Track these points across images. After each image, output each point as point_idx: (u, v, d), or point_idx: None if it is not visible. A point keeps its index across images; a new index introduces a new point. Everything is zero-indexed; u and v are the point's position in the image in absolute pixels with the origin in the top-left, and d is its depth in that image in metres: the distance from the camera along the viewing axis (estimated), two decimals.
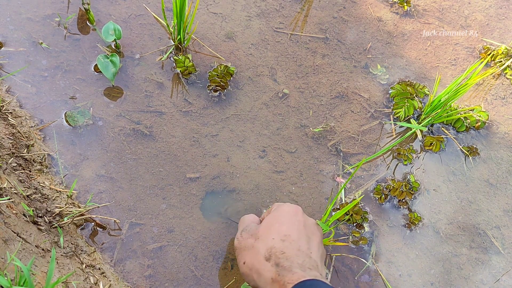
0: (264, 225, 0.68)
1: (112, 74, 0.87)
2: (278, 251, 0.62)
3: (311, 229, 0.68)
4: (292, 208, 0.70)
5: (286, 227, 0.65)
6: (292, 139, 0.92)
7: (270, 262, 0.61)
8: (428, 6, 1.11)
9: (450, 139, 0.96)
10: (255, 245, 0.65)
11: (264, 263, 0.61)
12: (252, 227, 0.70)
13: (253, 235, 0.67)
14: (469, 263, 0.86)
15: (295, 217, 0.68)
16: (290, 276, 0.57)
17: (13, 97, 0.85)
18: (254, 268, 0.62)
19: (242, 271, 0.65)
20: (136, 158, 0.85)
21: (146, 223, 0.80)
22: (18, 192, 0.69)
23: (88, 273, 0.71)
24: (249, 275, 0.63)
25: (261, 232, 0.66)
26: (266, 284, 0.60)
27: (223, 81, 0.93)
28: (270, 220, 0.68)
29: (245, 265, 0.65)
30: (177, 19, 0.88)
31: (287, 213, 0.68)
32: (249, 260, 0.64)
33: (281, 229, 0.65)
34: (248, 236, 0.68)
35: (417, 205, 0.89)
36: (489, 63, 1.06)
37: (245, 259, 0.65)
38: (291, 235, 0.64)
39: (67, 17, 0.94)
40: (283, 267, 0.59)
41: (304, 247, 0.64)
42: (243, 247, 0.67)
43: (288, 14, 1.04)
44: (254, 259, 0.63)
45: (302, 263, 0.60)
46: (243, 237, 0.69)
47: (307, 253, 0.63)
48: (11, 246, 0.60)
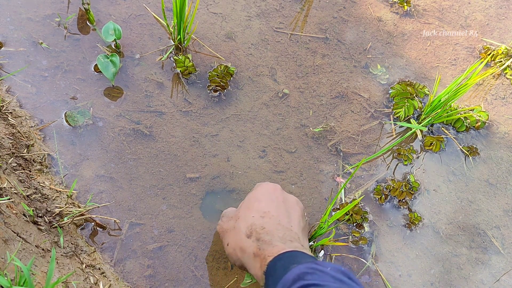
0: (243, 205, 0.69)
1: (112, 74, 0.87)
2: (258, 227, 0.63)
3: (290, 204, 0.69)
4: (270, 186, 0.71)
5: (265, 204, 0.67)
6: (292, 139, 0.92)
7: (251, 238, 0.62)
8: (428, 6, 1.11)
9: (450, 139, 0.96)
10: (236, 225, 0.66)
11: (246, 240, 0.63)
12: (231, 210, 0.72)
13: (233, 217, 0.69)
14: (469, 263, 0.86)
15: (274, 194, 0.69)
16: (270, 249, 0.59)
17: (13, 97, 0.85)
18: (237, 247, 0.64)
19: (227, 253, 0.67)
20: (136, 158, 0.85)
21: (146, 223, 0.80)
22: (18, 192, 0.69)
23: (88, 273, 0.71)
24: (233, 255, 0.65)
25: (241, 213, 0.67)
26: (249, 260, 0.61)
27: (223, 81, 0.93)
28: (249, 200, 0.69)
29: (229, 246, 0.66)
30: (177, 19, 0.88)
31: (266, 190, 0.70)
32: (232, 240, 0.65)
33: (260, 206, 0.66)
34: (228, 219, 0.70)
35: (417, 205, 0.89)
36: (489, 63, 1.06)
37: (228, 241, 0.66)
38: (270, 211, 0.66)
39: (67, 17, 0.94)
40: (264, 241, 0.60)
41: (284, 221, 0.65)
42: (225, 230, 0.68)
43: (288, 14, 1.04)
44: (237, 238, 0.64)
45: (283, 236, 0.61)
46: (223, 221, 0.70)
47: (287, 227, 0.64)
48: (11, 246, 0.60)
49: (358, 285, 0.51)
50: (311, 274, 0.51)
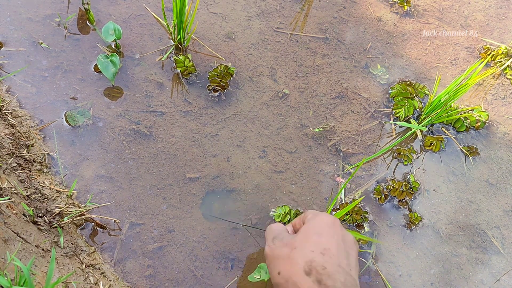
0: (301, 235, 0.64)
1: (112, 74, 0.87)
2: (319, 266, 0.58)
3: (349, 243, 0.64)
4: (330, 219, 0.66)
5: (326, 240, 0.62)
6: (292, 139, 0.92)
7: (310, 278, 0.57)
8: (428, 6, 1.11)
9: (450, 139, 0.96)
10: (291, 256, 0.60)
11: (304, 277, 0.58)
12: (286, 235, 0.66)
13: (287, 244, 0.63)
14: (469, 263, 0.86)
15: (334, 229, 0.64)
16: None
17: (13, 97, 0.85)
18: (291, 280, 0.59)
19: (275, 282, 0.61)
20: (136, 158, 0.85)
21: (146, 223, 0.80)
22: (18, 192, 0.69)
23: (88, 273, 0.71)
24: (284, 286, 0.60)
25: (298, 242, 0.62)
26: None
27: (223, 81, 0.93)
28: (308, 230, 0.64)
29: (279, 275, 0.61)
30: (177, 19, 0.88)
31: (326, 224, 0.64)
32: (285, 271, 0.60)
33: (321, 241, 0.61)
34: (282, 244, 0.64)
35: (417, 205, 0.89)
36: (489, 63, 1.06)
37: (279, 269, 0.61)
38: (331, 248, 0.60)
39: (67, 17, 0.94)
40: (326, 286, 0.56)
41: (343, 263, 0.60)
42: (276, 256, 0.63)
43: (288, 14, 1.04)
44: (292, 271, 0.59)
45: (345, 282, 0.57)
46: (275, 245, 0.64)
47: (347, 270, 0.59)
48: (11, 246, 0.60)
49: None
50: None
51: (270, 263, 0.63)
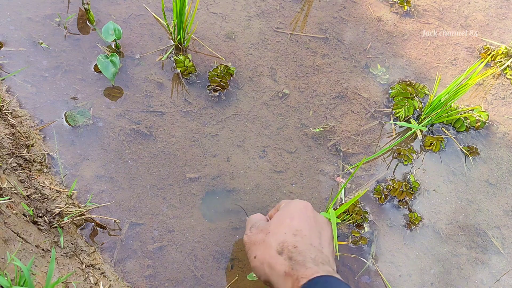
0: (274, 220, 0.68)
1: (112, 74, 0.87)
2: (290, 245, 0.62)
3: (321, 224, 0.69)
4: (302, 204, 0.70)
5: (297, 222, 0.66)
6: (292, 139, 0.92)
7: (282, 256, 0.61)
8: (428, 6, 1.11)
9: (450, 139, 0.96)
10: (266, 239, 0.65)
11: (277, 257, 0.62)
12: (261, 223, 0.71)
13: (263, 230, 0.68)
14: (469, 263, 0.86)
15: (306, 212, 0.68)
16: (303, 270, 0.58)
17: (13, 97, 0.85)
18: (265, 262, 0.63)
19: (253, 265, 0.66)
20: (136, 158, 0.85)
21: (146, 223, 0.80)
22: (18, 192, 0.69)
23: (88, 273, 0.71)
24: (260, 269, 0.64)
25: (272, 227, 0.66)
26: (279, 278, 0.60)
27: (223, 81, 0.93)
28: (281, 215, 0.68)
29: (256, 259, 0.65)
30: (177, 19, 0.88)
31: (298, 208, 0.69)
32: (260, 254, 0.64)
33: (292, 224, 0.65)
34: (258, 231, 0.68)
35: (417, 205, 0.89)
36: (489, 63, 1.06)
37: (256, 253, 0.65)
38: (303, 230, 0.65)
39: (67, 17, 0.94)
40: (297, 261, 0.59)
41: (315, 242, 0.64)
42: (253, 242, 0.67)
43: (288, 14, 1.04)
44: (266, 253, 0.63)
45: (315, 258, 0.60)
46: (252, 232, 0.69)
47: (319, 248, 0.63)
48: (11, 246, 0.60)
49: None
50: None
51: (248, 249, 0.68)
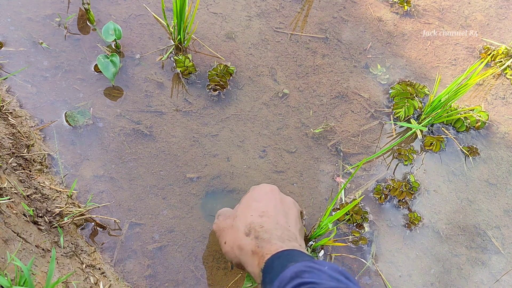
0: (241, 205, 0.70)
1: (112, 74, 0.87)
2: (257, 225, 0.64)
3: (288, 205, 0.70)
4: (268, 187, 0.72)
5: (263, 204, 0.68)
6: (292, 139, 0.92)
7: (250, 236, 0.63)
8: (428, 6, 1.11)
9: (450, 139, 0.96)
10: (234, 224, 0.67)
11: (245, 238, 0.63)
12: (227, 210, 0.73)
13: (230, 216, 0.70)
14: (469, 263, 0.86)
15: (271, 194, 0.70)
16: (268, 247, 0.59)
17: (13, 97, 0.85)
18: (235, 245, 0.64)
19: (224, 251, 0.67)
20: (136, 158, 0.85)
21: (146, 223, 0.80)
22: (18, 192, 0.69)
23: (88, 273, 0.71)
24: (231, 253, 0.65)
25: (239, 211, 0.68)
26: (247, 257, 0.62)
27: (223, 80, 0.93)
28: (247, 200, 0.70)
29: (226, 244, 0.66)
30: (177, 19, 0.88)
31: (263, 191, 0.71)
32: (229, 238, 0.66)
33: (258, 206, 0.67)
34: (225, 218, 0.70)
35: (417, 205, 0.89)
36: (489, 63, 1.06)
37: (225, 239, 0.67)
38: (269, 210, 0.66)
39: (67, 17, 0.94)
40: (262, 239, 0.61)
41: (282, 221, 0.66)
42: (222, 228, 0.69)
43: (288, 14, 1.04)
44: (235, 236, 0.65)
45: (281, 235, 0.62)
46: (220, 220, 0.71)
47: (285, 227, 0.65)
48: (11, 246, 0.60)
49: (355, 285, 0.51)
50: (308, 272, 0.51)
51: (219, 236, 0.70)
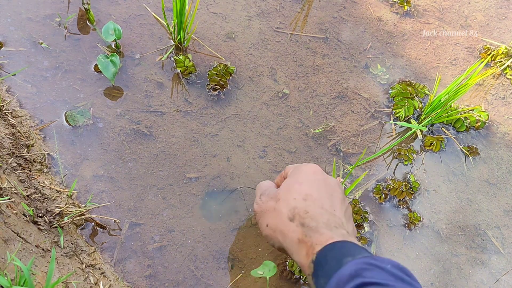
0: (283, 187, 0.66)
1: (112, 74, 0.87)
2: (301, 211, 0.61)
3: (332, 186, 0.66)
4: (311, 167, 0.68)
5: (307, 187, 0.64)
6: (292, 139, 0.92)
7: (294, 222, 0.60)
8: (428, 6, 1.11)
9: (450, 139, 0.96)
10: (276, 207, 0.64)
11: (289, 224, 0.60)
12: (271, 190, 0.69)
13: (273, 198, 0.66)
14: (469, 263, 0.86)
15: (314, 175, 0.67)
16: (317, 236, 0.56)
17: (13, 97, 0.85)
18: (278, 229, 0.62)
19: (265, 234, 0.64)
20: (136, 158, 0.85)
21: (146, 223, 0.80)
22: (18, 192, 0.69)
23: (88, 273, 0.71)
24: (273, 237, 0.63)
25: (281, 194, 0.65)
26: (292, 245, 0.59)
27: (223, 80, 0.93)
28: (290, 182, 0.67)
29: (268, 227, 0.64)
30: (177, 19, 0.88)
31: (306, 172, 0.67)
32: (272, 222, 0.63)
33: (302, 189, 0.64)
34: (268, 199, 0.67)
35: (417, 205, 0.89)
36: (489, 63, 1.06)
37: (267, 222, 0.64)
38: (312, 194, 0.63)
39: (67, 17, 0.94)
40: (309, 227, 0.58)
41: (326, 204, 0.62)
42: (264, 210, 0.66)
43: (288, 14, 1.04)
44: (278, 220, 0.62)
45: (327, 222, 0.59)
46: (262, 200, 0.68)
47: (331, 211, 0.61)
48: (11, 246, 0.60)
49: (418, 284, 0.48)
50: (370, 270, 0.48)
51: (260, 218, 0.67)
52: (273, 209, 0.64)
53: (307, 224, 0.59)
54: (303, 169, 0.68)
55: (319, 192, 0.64)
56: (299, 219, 0.60)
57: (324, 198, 0.63)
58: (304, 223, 0.59)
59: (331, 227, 0.58)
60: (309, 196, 0.63)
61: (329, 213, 0.61)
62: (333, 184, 0.67)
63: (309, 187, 0.64)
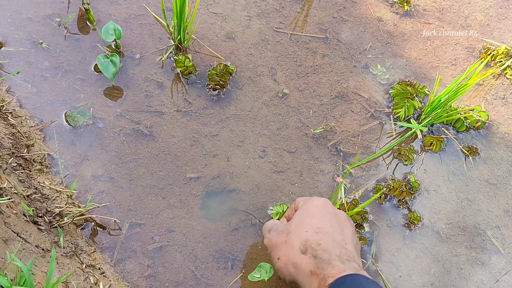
0: (295, 220, 0.67)
1: (112, 74, 0.87)
2: (313, 243, 0.61)
3: (342, 220, 0.67)
4: (321, 201, 0.69)
5: (318, 220, 0.65)
6: (292, 139, 0.92)
7: (307, 255, 0.60)
8: (428, 6, 1.11)
9: (450, 139, 0.96)
10: (288, 240, 0.64)
11: (301, 256, 0.61)
12: (280, 225, 0.69)
13: (283, 231, 0.66)
14: (469, 263, 0.86)
15: (325, 209, 0.67)
16: (330, 269, 0.57)
17: (13, 97, 0.85)
18: (290, 262, 0.62)
19: (277, 267, 0.65)
20: (136, 158, 0.85)
21: (146, 223, 0.80)
22: (18, 192, 0.69)
23: (88, 273, 0.71)
24: (285, 270, 0.63)
25: (293, 227, 0.65)
26: (304, 277, 0.59)
27: (222, 79, 0.93)
28: (301, 215, 0.67)
29: (279, 260, 0.64)
30: (177, 19, 0.88)
31: (317, 206, 0.68)
32: (283, 255, 0.63)
33: (313, 222, 0.64)
34: (278, 233, 0.67)
35: (417, 205, 0.89)
36: (489, 63, 1.06)
37: (279, 255, 0.64)
38: (324, 227, 0.63)
39: (67, 17, 0.94)
40: (322, 260, 0.58)
41: (338, 238, 0.63)
42: (274, 244, 0.66)
43: (288, 14, 1.04)
44: (289, 253, 0.62)
45: (340, 255, 0.59)
46: (272, 235, 0.68)
47: (342, 244, 0.62)
48: (11, 246, 0.60)
49: None
50: None
51: (271, 252, 0.67)
52: (284, 242, 0.64)
53: (319, 256, 0.59)
54: (314, 203, 0.68)
55: (331, 225, 0.64)
56: (312, 251, 0.60)
57: (335, 231, 0.64)
58: (316, 255, 0.59)
59: (343, 260, 0.59)
60: (321, 229, 0.63)
61: (341, 246, 0.61)
62: (344, 218, 0.68)
63: (320, 220, 0.65)
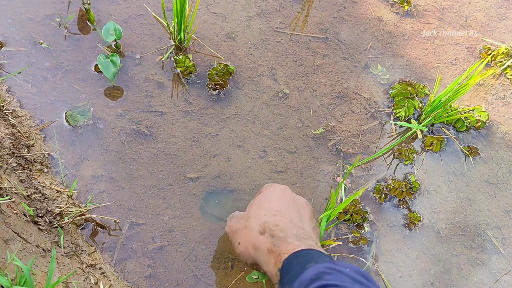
0: (253, 205, 0.69)
1: (113, 74, 0.87)
2: (271, 224, 0.63)
3: (300, 204, 0.70)
4: (279, 187, 0.71)
5: (276, 204, 0.67)
6: (293, 139, 0.92)
7: (265, 235, 0.62)
8: (429, 6, 1.11)
9: (450, 139, 0.96)
10: (247, 224, 0.66)
11: (259, 237, 0.62)
12: (239, 213, 0.72)
13: (243, 217, 0.69)
14: (469, 263, 0.86)
15: (284, 194, 0.69)
16: (285, 245, 0.58)
17: (14, 97, 0.85)
18: (249, 244, 0.63)
19: (238, 252, 0.66)
20: (136, 158, 0.85)
21: (146, 223, 0.81)
22: (18, 192, 0.69)
23: (88, 273, 0.72)
24: (245, 253, 0.64)
25: (252, 212, 0.67)
26: (263, 256, 0.61)
27: (223, 79, 0.93)
28: (259, 200, 0.69)
29: (240, 244, 0.66)
30: (177, 19, 0.88)
31: (276, 191, 0.70)
32: (243, 239, 0.65)
33: (271, 206, 0.67)
34: (237, 219, 0.70)
35: (417, 205, 0.89)
36: (489, 63, 1.06)
37: (239, 240, 0.66)
38: (282, 210, 0.66)
39: (67, 17, 0.94)
40: (278, 238, 0.60)
41: (296, 219, 0.65)
42: (235, 230, 0.68)
43: (288, 14, 1.04)
44: (249, 236, 0.64)
45: (297, 233, 0.61)
46: (232, 221, 0.70)
47: (300, 225, 0.64)
48: (11, 246, 0.60)
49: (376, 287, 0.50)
50: (330, 274, 0.50)
51: (232, 237, 0.69)
52: (244, 227, 0.66)
53: (276, 235, 0.61)
54: (272, 189, 0.71)
55: (288, 208, 0.66)
56: (269, 231, 0.62)
57: (293, 214, 0.66)
58: (273, 235, 0.61)
59: (300, 238, 0.60)
60: (279, 212, 0.65)
61: (298, 226, 0.63)
62: (302, 202, 0.71)
63: (278, 204, 0.67)
